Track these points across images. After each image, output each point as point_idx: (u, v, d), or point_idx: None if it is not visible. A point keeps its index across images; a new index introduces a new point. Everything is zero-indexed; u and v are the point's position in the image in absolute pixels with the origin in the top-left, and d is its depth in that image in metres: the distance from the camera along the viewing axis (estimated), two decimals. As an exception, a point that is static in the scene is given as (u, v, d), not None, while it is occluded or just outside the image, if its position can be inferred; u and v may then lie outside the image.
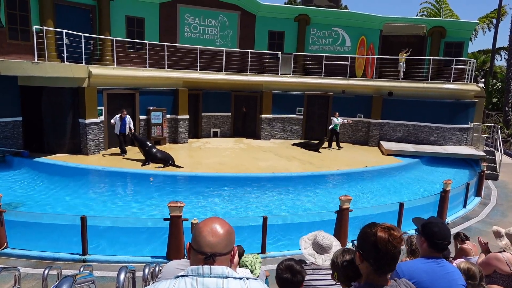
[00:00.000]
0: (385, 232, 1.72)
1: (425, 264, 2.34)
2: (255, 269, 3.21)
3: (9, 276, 4.40)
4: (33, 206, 8.75)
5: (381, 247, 1.70)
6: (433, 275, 2.24)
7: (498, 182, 13.47)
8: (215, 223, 1.51)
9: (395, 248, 1.71)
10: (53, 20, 12.95)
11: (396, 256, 1.73)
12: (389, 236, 1.71)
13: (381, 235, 1.71)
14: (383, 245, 1.70)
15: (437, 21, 19.41)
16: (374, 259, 1.73)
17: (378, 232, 1.73)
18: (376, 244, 1.71)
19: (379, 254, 1.71)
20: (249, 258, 3.25)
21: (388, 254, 1.70)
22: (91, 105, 12.46)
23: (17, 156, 12.02)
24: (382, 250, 1.70)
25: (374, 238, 1.72)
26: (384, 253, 1.70)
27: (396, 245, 1.71)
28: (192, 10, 16.74)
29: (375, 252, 1.72)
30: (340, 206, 7.39)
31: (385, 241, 1.70)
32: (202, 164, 12.08)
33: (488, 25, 29.20)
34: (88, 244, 6.64)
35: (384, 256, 1.71)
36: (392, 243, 1.70)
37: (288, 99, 17.09)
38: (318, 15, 18.33)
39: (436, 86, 16.10)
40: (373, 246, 1.72)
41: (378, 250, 1.71)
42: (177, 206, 6.55)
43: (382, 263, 1.73)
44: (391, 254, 1.71)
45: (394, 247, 1.70)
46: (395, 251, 1.71)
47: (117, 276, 3.38)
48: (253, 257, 3.28)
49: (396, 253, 1.72)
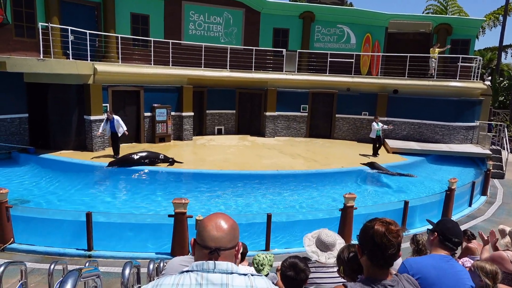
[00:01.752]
0: (382, 226, 1.76)
1: (433, 260, 2.34)
2: (263, 270, 3.19)
3: (16, 270, 4.45)
4: (39, 202, 8.83)
5: (377, 240, 1.73)
6: (441, 272, 2.23)
7: (504, 181, 13.37)
8: (219, 218, 1.52)
9: (390, 242, 1.73)
10: (58, 17, 13.00)
11: (392, 250, 1.74)
12: (385, 230, 1.74)
13: (378, 228, 1.75)
14: (378, 238, 1.73)
15: (443, 18, 19.25)
16: (370, 252, 1.77)
17: (376, 225, 1.77)
18: (373, 237, 1.75)
19: (374, 247, 1.74)
20: (259, 257, 3.24)
21: (383, 247, 1.73)
22: (96, 102, 12.51)
23: (23, 152, 12.11)
24: (378, 243, 1.73)
25: (372, 231, 1.76)
26: (379, 246, 1.73)
27: (392, 239, 1.73)
28: (197, 7, 16.73)
29: (372, 245, 1.75)
30: (345, 204, 7.38)
31: (381, 234, 1.73)
32: (206, 161, 12.11)
33: (494, 22, 28.88)
34: (94, 240, 6.69)
35: (378, 249, 1.73)
36: (388, 237, 1.73)
37: (292, 96, 17.05)
38: (323, 12, 18.25)
39: (442, 84, 15.97)
40: (370, 239, 1.76)
41: (374, 243, 1.74)
42: (182, 202, 6.57)
43: (377, 256, 1.75)
44: (386, 247, 1.73)
45: (389, 240, 1.73)
46: (390, 244, 1.73)
47: (122, 271, 3.40)
48: (264, 257, 3.26)
49: (391, 247, 1.73)
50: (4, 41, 11.99)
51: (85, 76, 12.22)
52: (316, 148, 15.25)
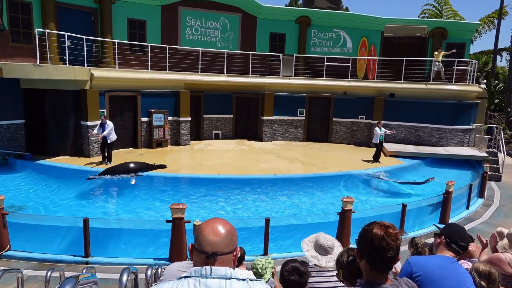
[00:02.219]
0: (381, 229, 1.75)
1: (438, 260, 2.36)
2: (266, 273, 3.17)
3: (12, 278, 4.41)
4: (36, 208, 8.77)
5: (375, 244, 1.73)
6: (444, 271, 2.24)
7: (501, 183, 13.42)
8: (216, 223, 1.52)
9: (389, 245, 1.72)
10: (55, 23, 13.00)
11: (391, 253, 1.73)
12: (384, 233, 1.74)
13: (376, 232, 1.75)
14: (377, 241, 1.73)
15: (438, 22, 19.39)
16: (368, 255, 1.77)
17: (374, 229, 1.77)
18: (371, 241, 1.74)
19: (373, 251, 1.74)
20: (260, 262, 3.22)
21: (382, 250, 1.72)
22: (93, 108, 12.49)
23: (19, 158, 12.05)
24: (376, 246, 1.73)
25: (370, 235, 1.76)
26: (377, 249, 1.73)
27: (391, 242, 1.73)
28: (194, 12, 16.79)
29: (370, 248, 1.75)
30: (343, 208, 7.38)
31: (379, 237, 1.73)
32: (204, 166, 12.08)
33: (489, 25, 29.10)
34: (91, 246, 6.65)
35: (377, 252, 1.73)
36: (387, 240, 1.72)
37: (289, 100, 17.09)
38: (319, 16, 18.35)
39: (438, 87, 16.07)
40: (369, 242, 1.76)
41: (373, 246, 1.74)
42: (179, 208, 6.55)
43: (376, 259, 1.75)
44: (385, 251, 1.72)
45: (388, 244, 1.72)
46: (389, 248, 1.72)
47: (120, 277, 3.38)
48: (265, 261, 3.24)
49: (390, 250, 1.73)
50: (0, 47, 11.97)
51: (82, 81, 12.20)
52: (313, 152, 15.27)
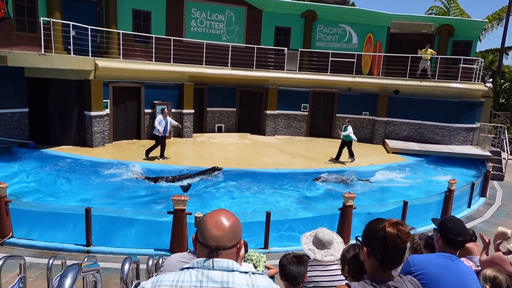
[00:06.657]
0: (393, 228, 1.73)
1: (438, 258, 2.34)
2: (259, 266, 3.22)
3: (15, 265, 4.44)
4: (38, 197, 8.83)
5: (390, 242, 1.71)
6: (445, 269, 2.22)
7: (504, 183, 13.37)
8: (220, 216, 1.49)
9: (404, 243, 1.72)
10: (60, 12, 12.97)
11: (404, 251, 1.74)
12: (398, 231, 1.72)
13: (390, 231, 1.72)
14: (392, 240, 1.71)
15: (445, 19, 19.19)
16: (382, 255, 1.74)
17: (386, 227, 1.74)
18: (385, 240, 1.72)
19: (387, 249, 1.72)
20: (255, 254, 3.26)
21: (397, 249, 1.71)
22: (97, 98, 12.50)
23: (23, 147, 12.09)
24: (391, 245, 1.71)
25: (382, 234, 1.73)
26: (393, 248, 1.71)
27: (406, 239, 1.72)
28: (199, 4, 16.69)
29: (384, 247, 1.72)
30: (344, 203, 7.38)
31: (394, 236, 1.71)
32: (206, 158, 12.10)
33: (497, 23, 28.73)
34: (92, 235, 6.70)
35: (392, 251, 1.72)
36: (402, 238, 1.71)
37: (293, 95, 17.03)
38: (325, 11, 18.21)
39: (443, 85, 15.96)
40: (381, 241, 1.73)
41: (387, 245, 1.71)
42: (181, 199, 6.57)
43: (390, 258, 1.74)
44: (400, 249, 1.72)
45: (403, 242, 1.72)
46: (404, 246, 1.73)
47: (122, 267, 3.39)
48: (258, 254, 3.28)
49: (405, 248, 1.74)
50: (5, 35, 11.96)
51: (86, 71, 12.19)
52: (316, 147, 15.26)
